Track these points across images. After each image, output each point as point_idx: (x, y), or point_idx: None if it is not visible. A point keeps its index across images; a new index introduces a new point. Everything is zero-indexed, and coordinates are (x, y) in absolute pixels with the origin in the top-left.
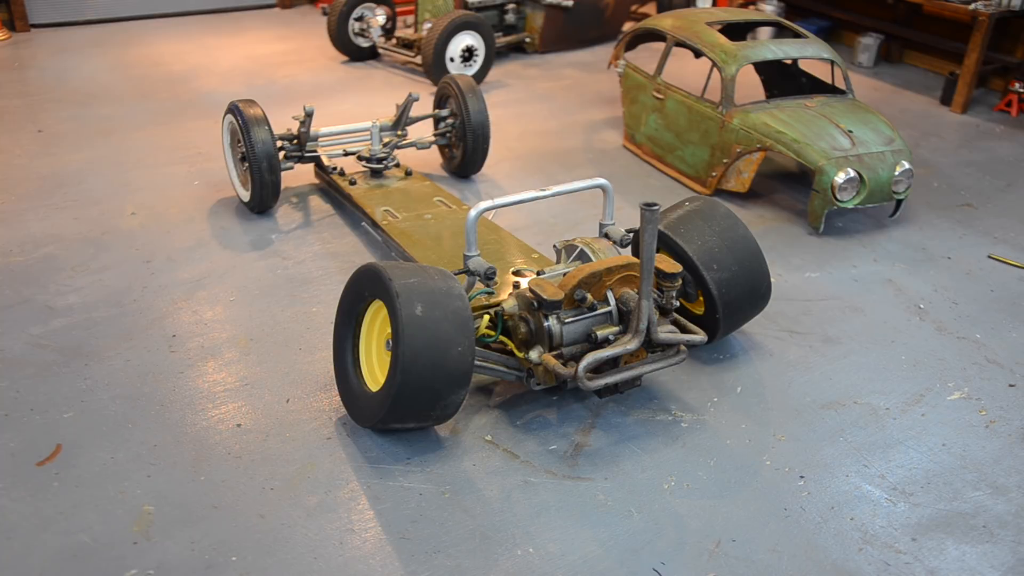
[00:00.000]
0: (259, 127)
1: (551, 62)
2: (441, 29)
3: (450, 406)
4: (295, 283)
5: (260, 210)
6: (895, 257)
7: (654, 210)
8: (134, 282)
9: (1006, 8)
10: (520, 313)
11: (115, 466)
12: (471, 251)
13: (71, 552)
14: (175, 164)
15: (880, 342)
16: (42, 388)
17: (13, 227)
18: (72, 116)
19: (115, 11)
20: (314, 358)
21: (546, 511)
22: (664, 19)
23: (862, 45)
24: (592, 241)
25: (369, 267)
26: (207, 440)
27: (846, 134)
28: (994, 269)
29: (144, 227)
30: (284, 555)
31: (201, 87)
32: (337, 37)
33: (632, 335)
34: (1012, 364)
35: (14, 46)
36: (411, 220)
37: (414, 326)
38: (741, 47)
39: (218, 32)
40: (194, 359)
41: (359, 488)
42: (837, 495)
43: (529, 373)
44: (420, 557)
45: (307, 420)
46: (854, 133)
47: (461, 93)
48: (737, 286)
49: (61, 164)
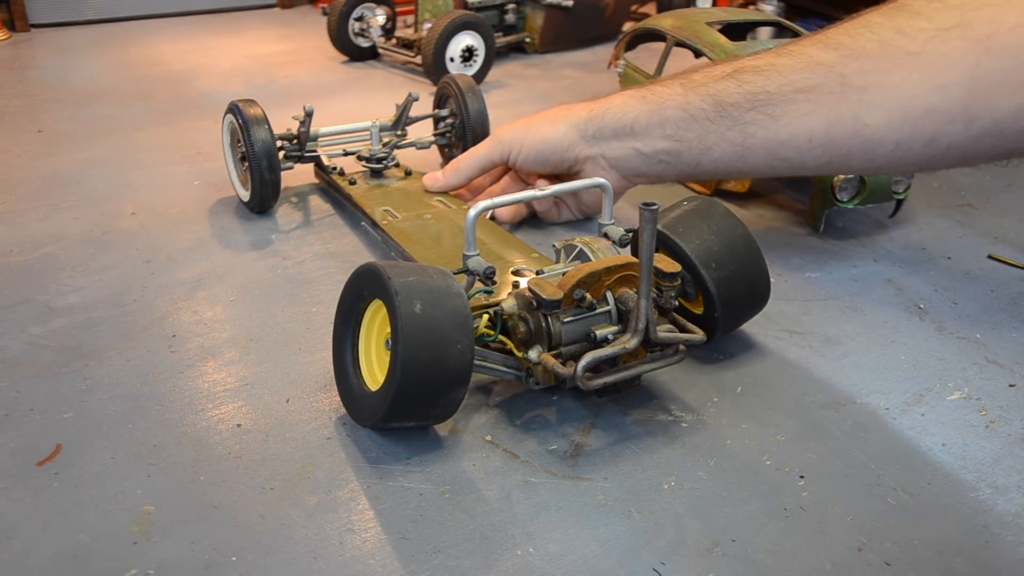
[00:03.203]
0: (259, 127)
1: (551, 62)
2: (441, 29)
3: (450, 405)
4: (295, 283)
5: (260, 210)
6: (895, 257)
7: (653, 210)
8: (134, 282)
9: None
10: (519, 313)
11: (115, 466)
12: (470, 251)
13: (71, 552)
14: (175, 164)
15: (880, 342)
16: (42, 388)
17: (13, 227)
18: (72, 116)
19: (115, 11)
20: (314, 358)
21: (546, 511)
22: (664, 19)
23: None
24: (591, 241)
25: (368, 266)
26: (207, 440)
27: None
28: (994, 269)
29: (144, 227)
30: (284, 555)
31: (201, 87)
32: (337, 37)
33: (631, 334)
34: (1012, 364)
35: (14, 46)
36: (411, 220)
37: (413, 324)
38: (741, 47)
39: (218, 32)
40: (194, 359)
41: (359, 488)
42: (837, 495)
43: (528, 373)
44: (420, 557)
45: (307, 420)
46: None
47: (461, 93)
48: (736, 285)
49: (61, 164)
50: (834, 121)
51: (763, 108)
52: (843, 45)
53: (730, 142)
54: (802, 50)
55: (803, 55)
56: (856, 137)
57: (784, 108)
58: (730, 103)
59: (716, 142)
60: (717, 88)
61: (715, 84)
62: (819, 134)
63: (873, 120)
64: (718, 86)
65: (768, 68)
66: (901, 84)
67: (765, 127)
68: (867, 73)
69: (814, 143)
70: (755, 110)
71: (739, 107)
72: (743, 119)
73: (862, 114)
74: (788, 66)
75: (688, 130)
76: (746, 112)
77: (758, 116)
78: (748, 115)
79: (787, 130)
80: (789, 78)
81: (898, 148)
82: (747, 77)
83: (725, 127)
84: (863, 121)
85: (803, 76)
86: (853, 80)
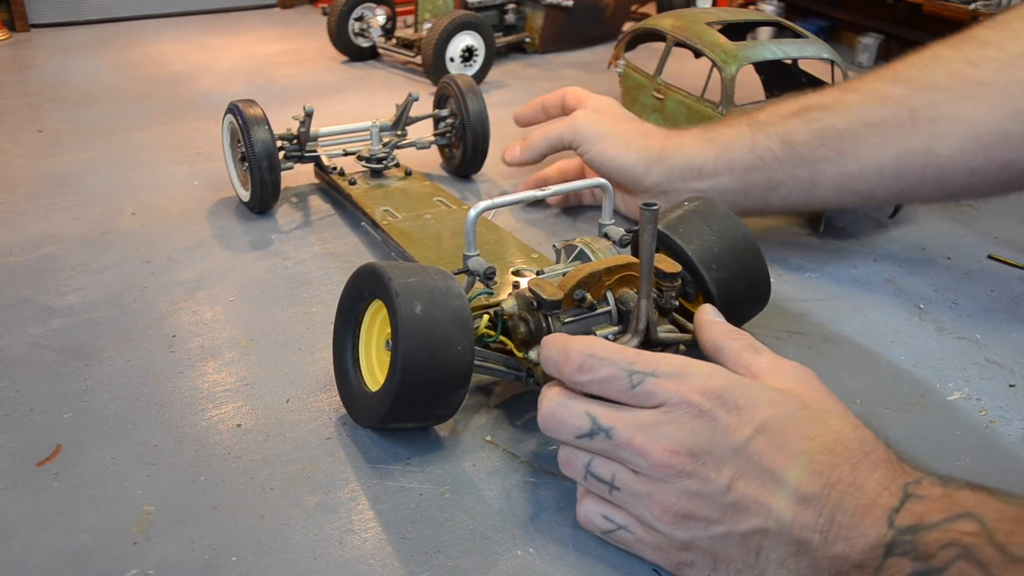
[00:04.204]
0: (259, 127)
1: (551, 62)
2: (441, 29)
3: (450, 405)
4: (295, 283)
5: (260, 210)
6: (895, 257)
7: (653, 210)
8: (134, 282)
9: (1006, 8)
10: (519, 313)
11: (115, 466)
12: (471, 251)
13: (71, 552)
14: (175, 164)
15: (880, 342)
16: (42, 388)
17: (13, 227)
18: (72, 116)
19: (115, 11)
20: (314, 358)
21: (546, 511)
22: (664, 19)
23: (862, 45)
24: (592, 241)
25: (368, 267)
26: (207, 440)
27: None
28: (994, 269)
29: (144, 227)
30: (284, 555)
31: (201, 87)
32: (337, 37)
33: (631, 335)
34: (1012, 364)
35: (14, 46)
36: (411, 220)
37: (414, 325)
38: (741, 47)
39: (218, 32)
40: (194, 359)
41: (359, 488)
42: None
43: (529, 373)
44: (420, 557)
45: (307, 420)
46: None
47: (461, 93)
48: (737, 286)
49: (61, 164)
50: (905, 153)
51: (832, 144)
52: (911, 79)
53: (799, 179)
54: (869, 86)
55: (870, 91)
56: (929, 167)
57: (853, 143)
58: (798, 141)
59: (784, 180)
60: (784, 127)
61: (782, 123)
62: (889, 166)
63: (946, 150)
64: (785, 125)
65: (835, 105)
66: (974, 113)
67: (834, 163)
68: (937, 104)
69: (885, 175)
70: (823, 147)
71: (807, 145)
72: (812, 156)
73: (934, 144)
74: (855, 102)
75: (756, 171)
76: (815, 149)
77: (827, 152)
78: (817, 152)
79: (857, 164)
80: (857, 114)
81: (972, 175)
82: (814, 115)
83: (794, 165)
84: (935, 151)
85: (871, 111)
86: (923, 112)
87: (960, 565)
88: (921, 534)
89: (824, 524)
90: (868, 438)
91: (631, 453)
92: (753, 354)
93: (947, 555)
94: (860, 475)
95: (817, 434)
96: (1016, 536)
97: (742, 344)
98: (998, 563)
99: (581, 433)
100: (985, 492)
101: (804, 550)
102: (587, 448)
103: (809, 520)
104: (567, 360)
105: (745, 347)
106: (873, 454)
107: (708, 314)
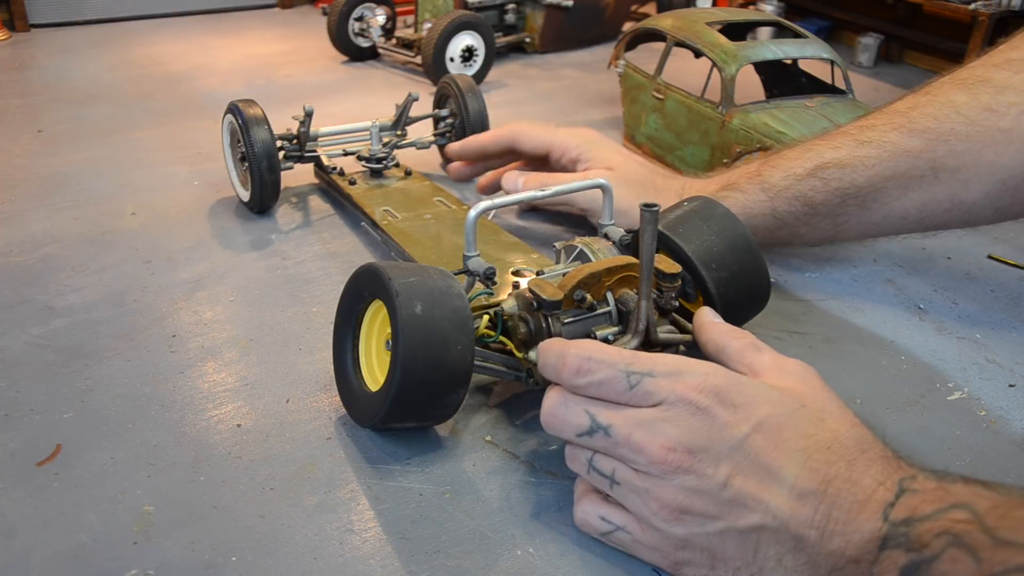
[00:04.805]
0: (259, 127)
1: (551, 62)
2: (441, 29)
3: (450, 405)
4: (295, 283)
5: (260, 210)
6: (895, 257)
7: (653, 210)
8: (134, 282)
9: (1006, 8)
10: (520, 313)
11: (115, 466)
12: (471, 251)
13: (71, 552)
14: (175, 164)
15: (880, 342)
16: (42, 388)
17: (13, 227)
18: (72, 116)
19: (115, 11)
20: (314, 358)
21: (546, 511)
22: (664, 19)
23: (862, 45)
24: (592, 241)
25: (368, 267)
26: (207, 440)
27: None
28: (994, 269)
29: (144, 227)
30: (284, 555)
31: (201, 87)
32: (337, 37)
33: (631, 335)
34: (1012, 364)
35: (14, 46)
36: (411, 220)
37: (414, 325)
38: (741, 47)
39: (218, 32)
40: (194, 359)
41: (359, 488)
42: None
43: (528, 373)
44: (420, 557)
45: (307, 420)
46: None
47: (461, 93)
48: (736, 286)
49: (61, 164)
50: (928, 201)
51: (853, 200)
52: (929, 130)
53: (822, 230)
54: (883, 137)
55: (886, 144)
56: (953, 211)
57: (875, 196)
58: (819, 202)
59: (807, 232)
60: (802, 189)
61: (799, 185)
62: (913, 213)
63: (970, 196)
64: (802, 187)
65: (852, 162)
66: (997, 160)
67: (857, 215)
68: (959, 154)
69: (908, 220)
70: (845, 203)
71: (828, 204)
72: (834, 212)
73: (958, 192)
74: (873, 157)
75: (779, 230)
76: (836, 207)
77: (849, 207)
78: (838, 208)
79: (880, 213)
80: (876, 169)
81: (998, 213)
82: (831, 173)
83: (817, 221)
84: (959, 198)
85: (890, 166)
86: (945, 163)
87: (951, 552)
88: (914, 526)
89: (821, 520)
90: (865, 435)
91: (629, 450)
92: (755, 352)
93: (939, 544)
94: (856, 471)
95: (814, 432)
96: (1006, 520)
97: (744, 343)
98: (987, 547)
99: (581, 431)
100: (979, 484)
101: (801, 546)
102: (588, 445)
103: (806, 516)
104: (565, 365)
105: (747, 345)
106: (869, 451)
107: (708, 316)
